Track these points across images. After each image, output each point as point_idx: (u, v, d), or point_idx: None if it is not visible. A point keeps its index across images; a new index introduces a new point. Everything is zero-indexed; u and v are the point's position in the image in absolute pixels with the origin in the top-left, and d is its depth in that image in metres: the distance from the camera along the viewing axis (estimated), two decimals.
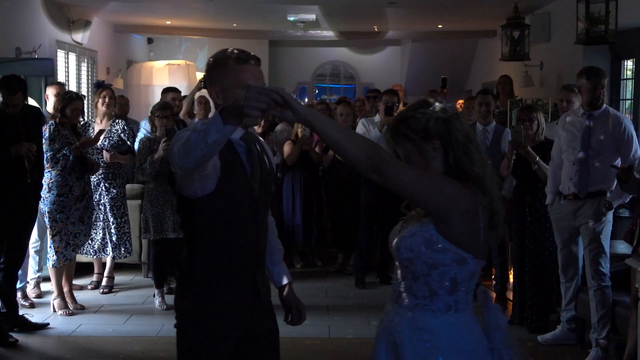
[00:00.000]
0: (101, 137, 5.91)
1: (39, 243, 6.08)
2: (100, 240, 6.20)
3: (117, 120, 6.30)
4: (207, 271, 2.51)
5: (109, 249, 6.22)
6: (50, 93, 6.21)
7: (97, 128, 6.20)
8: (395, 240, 2.19)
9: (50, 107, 6.16)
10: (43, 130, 5.55)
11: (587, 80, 4.70)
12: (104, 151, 6.08)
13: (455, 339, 2.12)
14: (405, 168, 2.10)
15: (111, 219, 6.18)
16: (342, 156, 2.06)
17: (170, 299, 6.02)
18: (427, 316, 2.13)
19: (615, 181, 4.70)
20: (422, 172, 2.14)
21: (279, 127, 7.51)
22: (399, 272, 2.21)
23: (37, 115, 5.43)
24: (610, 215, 4.72)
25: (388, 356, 2.18)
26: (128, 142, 6.21)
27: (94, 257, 6.35)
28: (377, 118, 6.67)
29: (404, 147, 2.20)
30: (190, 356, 2.54)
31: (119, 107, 7.46)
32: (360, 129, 6.58)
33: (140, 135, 6.33)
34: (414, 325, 2.14)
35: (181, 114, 7.07)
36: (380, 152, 2.04)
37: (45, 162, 5.47)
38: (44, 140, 5.49)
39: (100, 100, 6.25)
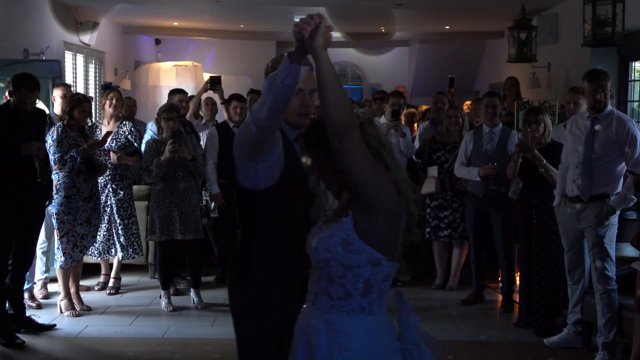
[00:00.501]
0: (108, 139, 5.93)
1: (46, 244, 6.11)
2: (105, 242, 6.21)
3: (124, 122, 6.31)
4: (262, 263, 2.61)
5: (116, 249, 6.24)
6: (57, 95, 6.24)
7: (104, 130, 6.22)
8: (313, 242, 2.22)
9: (57, 109, 6.18)
10: (51, 132, 5.57)
11: (589, 83, 4.68)
12: (111, 152, 6.09)
13: (366, 341, 2.15)
14: (366, 154, 2.12)
15: (118, 220, 6.20)
16: (322, 104, 2.08)
17: (176, 300, 6.04)
18: (341, 318, 2.16)
19: (619, 185, 4.68)
20: (375, 165, 2.16)
21: None
22: (315, 273, 2.24)
23: (42, 117, 5.47)
24: (614, 219, 4.69)
25: (305, 358, 2.21)
26: (135, 144, 6.22)
27: (98, 258, 6.37)
28: (382, 119, 6.66)
29: (323, 150, 2.20)
30: (247, 346, 2.68)
31: (126, 109, 7.48)
32: None
33: (147, 137, 6.35)
34: (329, 328, 2.17)
35: (188, 115, 7.09)
36: (355, 126, 2.08)
37: (52, 163, 5.50)
38: (51, 142, 5.51)
39: (108, 102, 6.26)
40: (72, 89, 8.75)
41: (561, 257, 5.10)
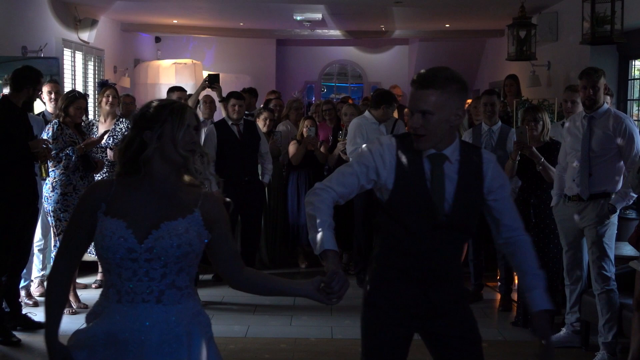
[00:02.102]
0: (105, 137, 5.91)
1: (43, 242, 6.09)
2: None
3: (121, 119, 6.30)
4: (383, 265, 2.71)
5: None
6: (45, 91, 6.20)
7: (101, 127, 6.21)
8: (163, 240, 2.21)
9: (48, 106, 6.17)
10: (47, 129, 5.56)
11: (580, 80, 4.69)
12: (108, 149, 6.08)
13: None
14: None
15: None
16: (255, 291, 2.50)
17: None
18: (192, 301, 2.32)
19: (620, 183, 4.66)
20: None
21: (282, 128, 7.51)
22: (153, 273, 2.22)
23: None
24: (614, 218, 4.68)
25: (165, 355, 2.22)
26: None
27: (95, 256, 6.34)
28: (367, 114, 6.61)
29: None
30: (365, 340, 2.75)
31: (124, 106, 7.47)
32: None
33: None
34: (189, 314, 2.28)
35: None
36: None
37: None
38: (46, 138, 5.49)
39: (104, 100, 6.25)
40: (72, 86, 8.76)
41: (559, 256, 5.08)
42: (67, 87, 8.50)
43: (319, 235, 2.50)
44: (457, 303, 2.72)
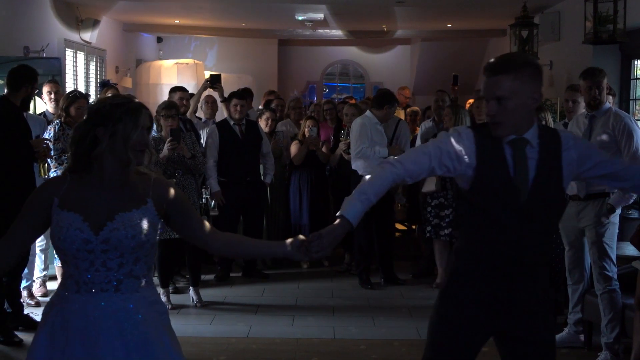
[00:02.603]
0: None
1: (45, 242, 6.09)
2: None
3: None
4: (465, 259, 2.68)
5: None
6: (45, 92, 6.19)
7: None
8: (118, 232, 2.27)
9: (49, 106, 6.16)
10: (48, 130, 5.56)
11: (584, 80, 4.68)
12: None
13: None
14: None
15: None
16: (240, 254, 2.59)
17: (175, 298, 6.02)
18: (150, 290, 2.39)
19: None
20: None
21: (282, 128, 7.50)
22: (110, 262, 2.28)
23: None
24: (615, 218, 4.66)
25: (120, 345, 2.27)
26: None
27: None
28: (369, 113, 6.60)
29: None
30: (432, 340, 2.72)
31: None
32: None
33: None
34: (147, 302, 2.35)
35: (188, 113, 7.07)
36: None
37: (50, 161, 5.48)
38: (49, 139, 5.49)
39: None
40: (74, 86, 8.76)
41: (561, 256, 5.07)
42: (69, 88, 8.51)
43: (350, 202, 2.53)
44: (540, 305, 2.66)
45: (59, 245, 2.30)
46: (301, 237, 2.47)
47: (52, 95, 6.15)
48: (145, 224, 2.32)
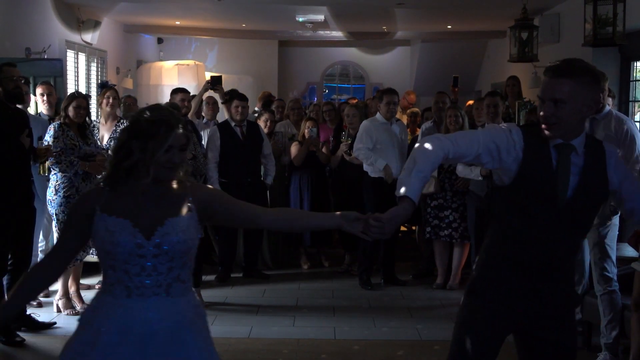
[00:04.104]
0: (106, 140, 5.98)
1: (44, 243, 6.10)
2: None
3: (122, 121, 6.31)
4: (495, 255, 2.69)
5: None
6: (37, 93, 6.16)
7: (102, 129, 6.23)
8: (169, 236, 2.31)
9: (42, 107, 6.16)
10: (49, 130, 5.55)
11: None
12: (110, 152, 6.09)
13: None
14: None
15: None
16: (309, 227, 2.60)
17: None
18: (193, 294, 2.46)
19: None
20: None
21: (282, 129, 7.52)
22: (160, 266, 2.32)
23: (26, 117, 5.45)
24: (616, 219, 4.69)
25: (173, 349, 2.32)
26: None
27: (96, 257, 6.36)
28: (378, 116, 6.64)
29: None
30: (458, 332, 2.75)
31: (125, 107, 7.48)
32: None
33: None
34: (192, 305, 2.41)
35: (189, 115, 7.09)
36: None
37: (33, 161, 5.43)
38: (49, 139, 5.48)
39: (105, 101, 6.25)
40: (75, 87, 8.78)
41: None
42: (71, 88, 8.53)
43: (408, 180, 2.52)
44: (564, 307, 2.69)
45: (111, 249, 2.31)
46: (355, 213, 2.46)
47: (45, 97, 6.15)
48: (192, 230, 2.37)
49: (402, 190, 2.50)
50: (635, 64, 7.33)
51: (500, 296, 2.66)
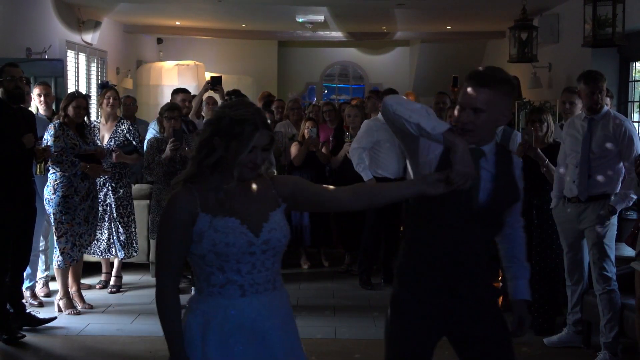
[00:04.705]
0: (106, 139, 6.01)
1: (44, 242, 6.12)
2: (106, 241, 6.23)
3: (122, 121, 6.33)
4: (407, 264, 2.75)
5: (116, 249, 6.26)
6: (35, 93, 6.16)
7: (102, 129, 6.25)
8: (275, 232, 2.33)
9: (40, 108, 6.17)
10: (48, 129, 5.57)
11: (585, 85, 4.70)
12: (112, 151, 6.11)
13: None
14: None
15: (117, 219, 6.21)
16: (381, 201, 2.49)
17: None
18: (284, 286, 2.47)
19: (619, 185, 4.69)
20: None
21: (281, 129, 7.54)
22: (268, 261, 2.34)
23: (32, 116, 5.46)
24: (614, 219, 4.71)
25: (284, 340, 2.37)
26: (134, 142, 6.24)
27: (101, 257, 6.39)
28: (380, 116, 6.67)
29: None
30: (388, 343, 2.81)
31: (125, 108, 7.49)
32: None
33: (149, 135, 6.37)
34: (287, 296, 2.47)
35: (190, 115, 7.12)
36: None
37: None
38: (48, 138, 5.50)
39: (105, 101, 6.27)
40: (76, 87, 8.80)
41: (561, 257, 5.11)
42: (71, 89, 8.55)
43: (431, 120, 2.52)
44: (486, 302, 2.74)
45: (224, 250, 2.26)
46: (435, 175, 2.42)
47: (42, 98, 6.16)
48: (285, 222, 2.40)
49: (439, 126, 2.49)
50: (634, 64, 7.36)
51: (424, 303, 2.69)
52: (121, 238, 6.23)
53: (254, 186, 2.37)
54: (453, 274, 2.68)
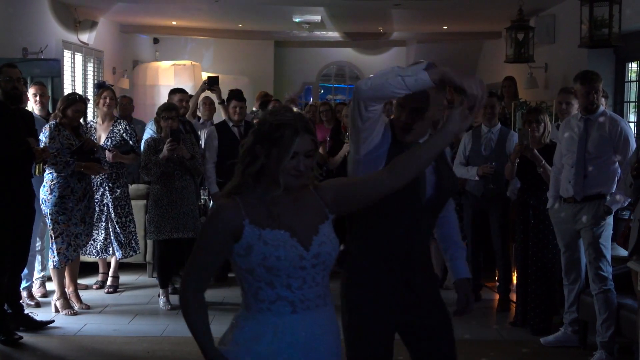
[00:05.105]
0: (103, 139, 6.02)
1: (40, 243, 6.11)
2: (102, 241, 6.22)
3: (119, 120, 6.34)
4: (359, 258, 2.77)
5: (114, 248, 6.26)
6: (30, 93, 6.14)
7: (98, 128, 6.25)
8: (325, 245, 2.20)
9: (35, 108, 6.16)
10: (44, 129, 5.57)
11: (582, 85, 4.72)
12: (107, 151, 6.10)
13: None
14: None
15: (115, 219, 6.21)
16: (415, 170, 2.28)
17: (174, 298, 6.05)
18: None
19: (614, 185, 4.71)
20: None
21: None
22: (318, 276, 2.21)
23: (30, 117, 5.46)
24: (610, 219, 4.73)
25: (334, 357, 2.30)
26: (130, 142, 6.24)
27: (97, 257, 6.39)
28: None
29: None
30: (351, 344, 2.78)
31: (122, 107, 7.49)
32: None
33: (146, 135, 6.37)
34: (334, 312, 2.32)
35: (187, 115, 7.12)
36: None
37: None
38: (44, 139, 5.50)
39: (102, 101, 6.28)
40: (72, 87, 8.79)
41: (558, 257, 5.13)
42: (67, 89, 8.54)
43: (413, 72, 2.42)
44: (431, 290, 2.85)
45: (274, 264, 2.14)
46: (458, 111, 2.25)
47: (38, 98, 6.15)
48: (334, 234, 2.26)
49: (418, 70, 2.41)
50: (629, 65, 7.38)
51: (381, 295, 2.73)
52: (119, 238, 6.23)
53: (301, 197, 2.25)
54: (408, 266, 2.76)
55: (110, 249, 6.27)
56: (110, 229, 6.23)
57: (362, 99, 2.57)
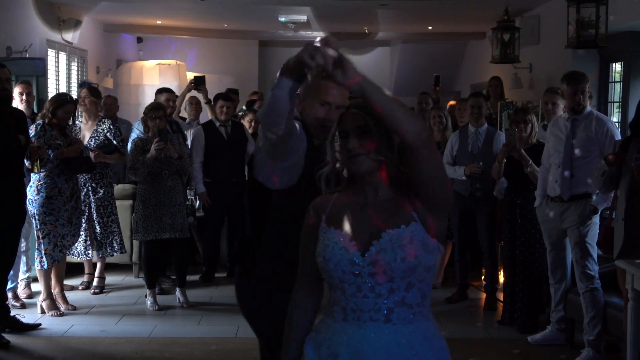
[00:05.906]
0: (87, 139, 5.99)
1: (25, 243, 6.05)
2: (83, 242, 6.18)
3: (103, 120, 6.31)
4: (270, 258, 2.74)
5: (94, 248, 6.22)
6: (16, 92, 6.06)
7: (83, 128, 6.23)
8: (386, 253, 1.98)
9: (20, 107, 6.10)
10: (31, 129, 5.52)
11: (568, 85, 4.76)
12: (90, 152, 6.07)
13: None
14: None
15: (97, 219, 6.18)
16: (394, 126, 1.90)
17: (161, 299, 6.03)
18: (426, 322, 2.05)
19: None
20: None
21: None
22: (380, 287, 1.99)
23: (22, 117, 5.41)
24: (596, 218, 4.77)
25: None
26: (114, 142, 6.21)
27: (79, 258, 6.34)
28: None
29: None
30: (264, 341, 2.79)
31: (106, 107, 7.44)
32: None
33: (133, 135, 6.34)
34: (421, 336, 2.02)
35: (174, 115, 7.09)
36: (426, 127, 1.99)
37: (25, 159, 5.40)
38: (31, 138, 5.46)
39: (80, 101, 6.27)
40: (56, 86, 8.72)
41: (544, 255, 5.16)
42: (51, 88, 8.47)
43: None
44: None
45: (324, 265, 2.04)
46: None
47: (24, 97, 6.10)
48: (417, 243, 1.98)
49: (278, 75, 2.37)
50: (614, 65, 7.45)
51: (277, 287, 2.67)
52: (98, 237, 6.19)
53: (386, 196, 2.06)
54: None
55: (89, 250, 6.24)
56: (90, 230, 6.19)
57: (264, 128, 2.46)
